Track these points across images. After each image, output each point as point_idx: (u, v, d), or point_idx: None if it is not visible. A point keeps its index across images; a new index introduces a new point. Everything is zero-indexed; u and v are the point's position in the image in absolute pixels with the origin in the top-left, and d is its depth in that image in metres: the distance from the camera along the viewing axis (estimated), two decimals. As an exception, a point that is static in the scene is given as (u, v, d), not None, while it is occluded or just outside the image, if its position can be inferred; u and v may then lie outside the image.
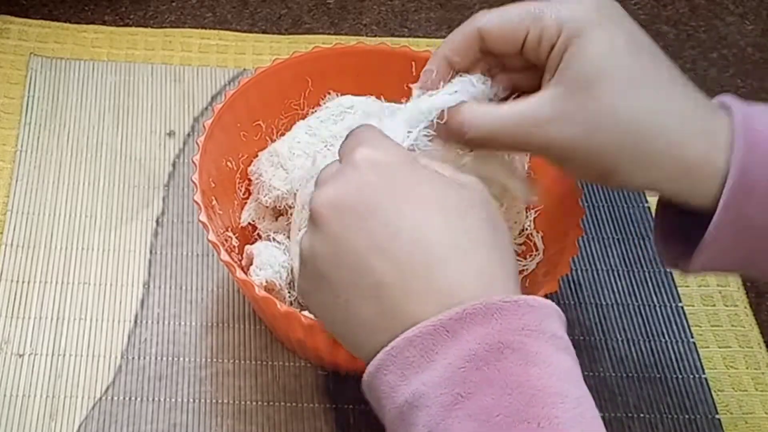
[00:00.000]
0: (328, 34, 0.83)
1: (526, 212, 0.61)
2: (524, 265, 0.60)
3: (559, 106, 0.48)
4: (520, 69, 0.53)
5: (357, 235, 0.43)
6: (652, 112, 0.48)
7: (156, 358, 0.61)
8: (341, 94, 0.64)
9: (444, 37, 0.84)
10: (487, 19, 0.51)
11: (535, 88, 0.50)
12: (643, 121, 0.47)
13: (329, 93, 0.65)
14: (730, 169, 0.47)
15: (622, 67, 0.48)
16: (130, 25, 0.81)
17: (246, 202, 0.63)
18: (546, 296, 0.55)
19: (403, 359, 0.41)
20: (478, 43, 0.51)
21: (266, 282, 0.57)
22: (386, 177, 0.44)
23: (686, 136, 0.48)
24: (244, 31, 0.82)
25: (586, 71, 0.48)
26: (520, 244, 0.61)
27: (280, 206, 0.61)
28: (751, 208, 0.47)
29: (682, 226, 0.51)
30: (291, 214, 0.60)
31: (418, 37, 0.84)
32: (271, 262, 0.57)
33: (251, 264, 0.59)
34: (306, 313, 0.55)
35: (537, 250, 0.60)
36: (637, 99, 0.47)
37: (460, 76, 0.52)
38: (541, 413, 0.38)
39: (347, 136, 0.48)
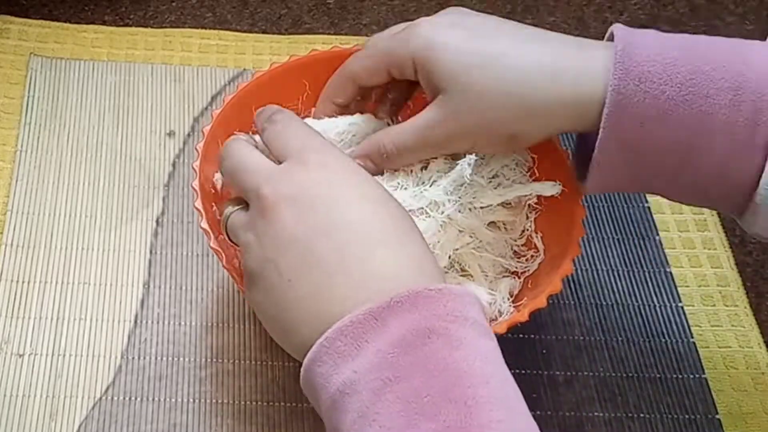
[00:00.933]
0: (328, 34, 0.83)
1: (528, 213, 0.61)
2: (525, 266, 0.60)
3: (448, 108, 0.54)
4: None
5: (306, 220, 0.46)
6: (520, 74, 0.53)
7: (156, 358, 0.61)
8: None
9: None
10: (353, 65, 0.59)
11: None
12: (516, 85, 0.53)
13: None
14: (606, 97, 0.51)
15: (474, 55, 0.53)
16: (130, 25, 0.81)
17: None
18: (549, 297, 0.55)
19: (335, 349, 0.43)
20: (353, 86, 0.59)
21: None
22: (333, 175, 0.48)
23: (561, 80, 0.52)
24: (244, 31, 0.82)
25: (449, 75, 0.53)
26: (522, 245, 0.61)
27: None
28: (628, 129, 0.51)
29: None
30: None
31: (418, 37, 0.84)
32: None
33: None
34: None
35: (538, 250, 0.60)
36: (501, 70, 0.53)
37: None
38: (468, 393, 0.40)
39: (274, 128, 0.52)
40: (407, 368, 0.41)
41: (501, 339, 0.53)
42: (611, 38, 0.54)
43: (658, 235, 0.72)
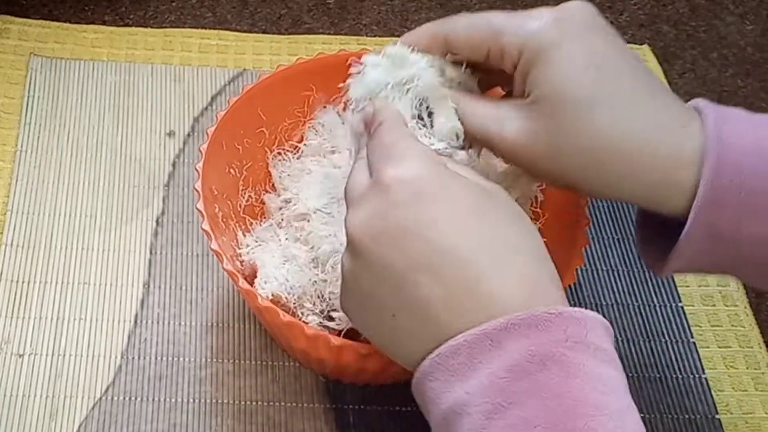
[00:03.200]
0: (328, 34, 0.83)
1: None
2: None
3: (528, 125, 0.49)
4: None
5: (396, 256, 0.43)
6: (611, 136, 0.48)
7: (156, 358, 0.61)
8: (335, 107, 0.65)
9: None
10: (453, 27, 0.52)
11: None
12: (602, 145, 0.48)
13: (325, 106, 0.65)
14: (699, 184, 0.47)
15: (582, 91, 0.48)
16: (130, 25, 0.81)
17: (249, 209, 0.63)
18: None
19: (448, 367, 0.41)
20: (442, 47, 0.52)
21: (272, 295, 0.57)
22: (417, 194, 0.44)
23: (649, 155, 0.48)
24: (244, 31, 0.82)
25: (547, 97, 0.48)
26: None
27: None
28: (721, 222, 0.48)
29: (663, 227, 0.52)
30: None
31: (418, 37, 0.84)
32: (276, 274, 0.57)
33: (254, 274, 0.59)
34: (309, 323, 0.55)
35: None
36: (596, 122, 0.48)
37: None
38: (580, 425, 0.39)
39: (374, 143, 0.48)
40: (520, 395, 0.39)
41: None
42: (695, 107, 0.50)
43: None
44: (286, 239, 0.60)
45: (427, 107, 0.52)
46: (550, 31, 0.49)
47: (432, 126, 0.52)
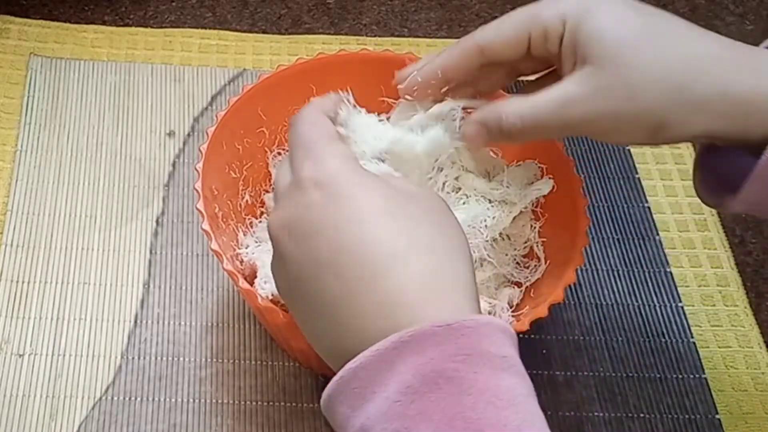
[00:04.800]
0: (328, 34, 0.83)
1: (532, 224, 0.61)
2: (527, 276, 0.60)
3: (594, 83, 0.48)
4: (524, 72, 0.53)
5: (305, 254, 0.43)
6: (686, 59, 0.47)
7: (156, 358, 0.61)
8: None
9: (444, 37, 0.84)
10: (485, 33, 0.51)
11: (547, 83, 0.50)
12: (679, 70, 0.47)
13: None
14: None
15: (639, 29, 0.47)
16: (130, 25, 0.81)
17: (249, 209, 0.63)
18: (551, 305, 0.55)
19: (351, 390, 0.40)
20: (478, 59, 0.51)
21: (272, 295, 0.57)
22: (329, 194, 0.43)
23: (729, 73, 0.47)
24: (244, 31, 0.82)
25: (606, 44, 0.47)
26: (524, 256, 0.61)
27: None
28: None
29: (722, 174, 0.51)
30: None
31: (418, 37, 0.84)
32: None
33: (254, 274, 0.59)
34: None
35: (540, 260, 0.60)
36: (666, 52, 0.47)
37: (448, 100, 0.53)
38: None
39: (295, 137, 0.47)
40: (415, 419, 0.38)
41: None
42: None
43: (658, 235, 0.72)
44: None
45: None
46: None
47: None
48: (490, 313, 0.57)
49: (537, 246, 0.61)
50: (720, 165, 0.51)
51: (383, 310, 0.41)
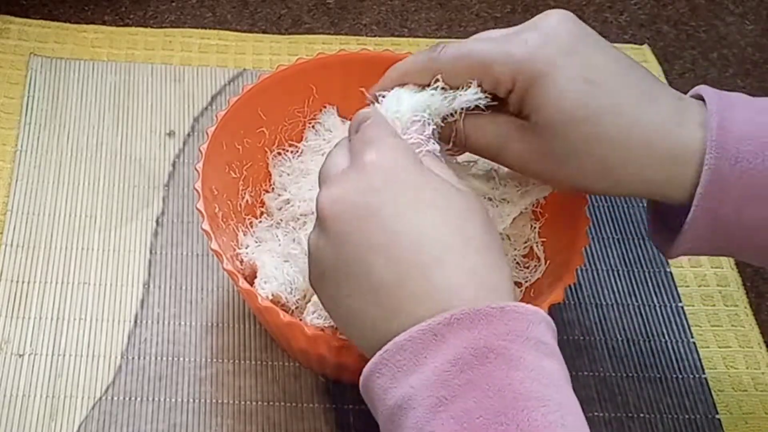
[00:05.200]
0: (328, 34, 0.83)
1: (532, 224, 0.61)
2: (526, 276, 0.60)
3: (531, 142, 0.51)
4: None
5: (358, 235, 0.44)
6: (614, 148, 0.50)
7: (156, 358, 0.61)
8: (338, 108, 0.65)
9: (444, 37, 0.84)
10: (441, 60, 0.52)
11: None
12: (606, 156, 0.50)
13: (325, 107, 0.65)
14: (701, 175, 0.49)
15: (582, 110, 0.49)
16: (130, 25, 0.81)
17: (249, 209, 0.63)
18: (551, 306, 0.55)
19: (395, 363, 0.42)
20: (432, 76, 0.53)
21: (272, 295, 0.57)
22: (391, 181, 0.45)
23: (650, 160, 0.50)
24: (244, 31, 0.82)
25: (548, 120, 0.50)
26: (524, 256, 0.61)
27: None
28: (722, 209, 0.49)
29: (673, 213, 0.53)
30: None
31: (418, 37, 0.84)
32: (276, 274, 0.57)
33: (254, 274, 0.59)
34: (310, 318, 0.55)
35: (540, 260, 0.60)
36: (600, 138, 0.50)
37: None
38: (520, 416, 0.39)
39: (357, 128, 0.50)
40: (463, 387, 0.40)
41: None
42: (698, 96, 0.52)
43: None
44: (286, 239, 0.60)
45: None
46: (539, 55, 0.50)
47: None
48: None
49: (537, 246, 0.61)
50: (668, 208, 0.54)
51: (436, 296, 0.43)
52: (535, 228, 0.61)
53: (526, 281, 0.60)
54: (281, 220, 0.62)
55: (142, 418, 0.58)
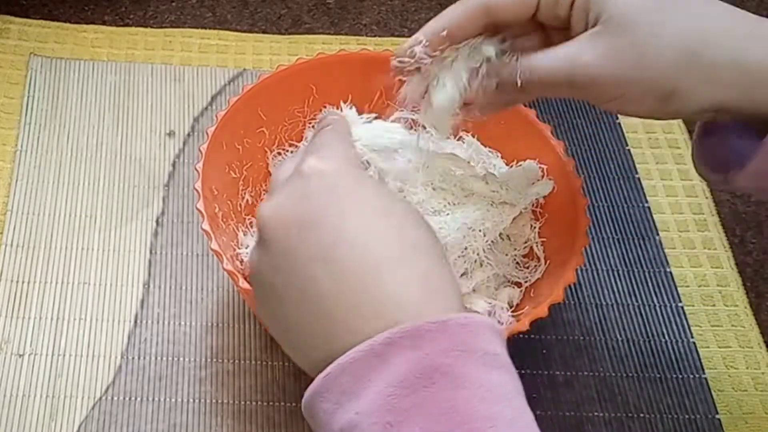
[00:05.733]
0: (328, 34, 0.83)
1: (532, 224, 0.61)
2: (527, 276, 0.60)
3: (604, 44, 0.47)
4: (523, 35, 0.53)
5: (299, 244, 0.42)
6: (699, 27, 0.47)
7: (156, 358, 0.61)
8: (337, 107, 0.65)
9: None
10: None
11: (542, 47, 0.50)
12: (692, 37, 0.47)
13: (325, 107, 0.65)
14: None
15: None
16: (130, 25, 0.81)
17: (249, 209, 0.63)
18: (551, 305, 0.55)
19: (338, 386, 0.40)
20: (483, 18, 0.50)
21: None
22: (330, 187, 0.43)
23: (740, 42, 0.46)
24: (244, 31, 0.82)
25: (619, 7, 0.47)
26: (524, 256, 0.61)
27: None
28: None
29: (719, 156, 0.51)
30: None
31: (418, 37, 0.84)
32: None
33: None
34: None
35: (540, 260, 0.60)
36: (680, 18, 0.47)
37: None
38: None
39: (313, 140, 0.48)
40: (408, 411, 0.38)
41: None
42: None
43: (658, 235, 0.72)
44: None
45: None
46: None
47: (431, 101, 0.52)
48: (489, 313, 0.57)
49: (537, 246, 0.61)
50: (718, 148, 0.51)
51: (379, 310, 0.41)
52: (535, 228, 0.61)
53: (526, 281, 0.60)
54: None
55: (142, 418, 0.58)
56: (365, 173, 0.45)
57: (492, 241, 0.59)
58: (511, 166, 0.64)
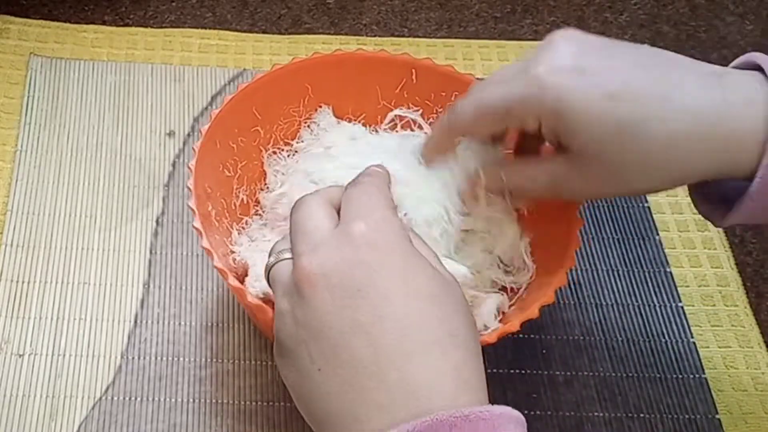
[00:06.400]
0: (328, 34, 0.83)
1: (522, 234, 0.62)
2: (515, 281, 0.60)
3: (579, 169, 0.50)
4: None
5: (343, 311, 0.42)
6: (667, 141, 0.47)
7: (156, 358, 0.61)
8: (333, 108, 0.65)
9: (444, 37, 0.84)
10: (460, 121, 0.53)
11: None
12: (659, 156, 0.48)
13: (320, 106, 0.65)
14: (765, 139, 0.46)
15: (606, 123, 0.48)
16: (130, 25, 0.81)
17: (244, 208, 0.63)
18: (542, 307, 0.55)
19: None
20: (459, 136, 0.54)
21: (263, 294, 0.57)
22: (381, 260, 0.43)
23: (709, 143, 0.47)
24: (244, 31, 0.82)
25: (585, 143, 0.49)
26: (514, 260, 0.61)
27: None
28: None
29: (715, 191, 0.52)
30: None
31: (418, 37, 0.84)
32: None
33: (245, 272, 0.59)
34: None
35: (530, 263, 0.60)
36: (645, 142, 0.48)
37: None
38: None
39: (352, 189, 0.48)
40: None
41: (499, 341, 0.53)
42: (741, 66, 0.50)
43: (658, 235, 0.72)
44: (279, 238, 0.60)
45: None
46: (549, 85, 0.48)
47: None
48: (475, 316, 0.57)
49: (526, 249, 0.61)
50: (713, 185, 0.52)
51: (412, 392, 0.41)
52: (524, 239, 0.61)
53: (515, 284, 0.60)
54: (275, 219, 0.62)
55: (142, 418, 0.58)
56: (414, 249, 0.45)
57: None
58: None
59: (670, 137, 0.47)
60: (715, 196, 0.52)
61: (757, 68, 0.48)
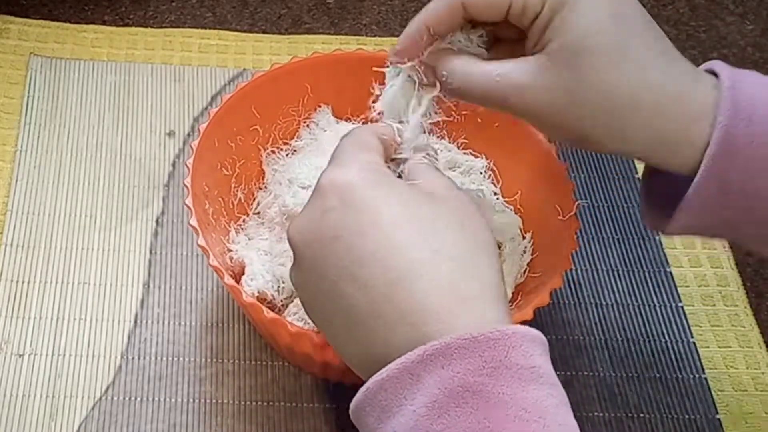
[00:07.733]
0: (328, 34, 0.83)
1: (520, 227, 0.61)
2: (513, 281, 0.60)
3: (542, 75, 0.47)
4: (504, 35, 0.52)
5: (325, 262, 0.43)
6: (630, 87, 0.47)
7: (156, 358, 0.61)
8: (333, 108, 0.65)
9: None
10: None
11: (518, 52, 0.50)
12: (619, 96, 0.47)
13: (320, 106, 0.65)
14: (712, 135, 0.46)
15: (605, 41, 0.47)
16: (130, 25, 0.81)
17: (241, 207, 0.63)
18: (536, 309, 0.54)
19: (377, 402, 0.40)
20: (461, 13, 0.50)
21: (258, 292, 0.57)
22: (347, 199, 0.43)
23: (663, 109, 0.47)
24: (244, 31, 0.82)
25: (568, 45, 0.47)
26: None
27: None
28: (731, 173, 0.46)
29: (668, 190, 0.51)
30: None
31: (418, 37, 0.84)
32: (263, 272, 0.57)
33: (243, 271, 0.59)
34: (291, 320, 0.55)
35: (527, 265, 0.60)
36: (616, 74, 0.47)
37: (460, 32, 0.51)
38: None
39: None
40: None
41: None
42: (709, 71, 0.49)
43: (658, 235, 0.72)
44: (275, 237, 0.60)
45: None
46: None
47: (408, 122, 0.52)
48: None
49: (525, 250, 0.61)
50: (665, 183, 0.51)
51: (408, 319, 0.41)
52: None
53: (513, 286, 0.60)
54: (272, 218, 0.62)
55: (142, 418, 0.58)
56: (384, 177, 0.45)
57: None
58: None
59: (645, 82, 0.47)
60: (662, 208, 0.51)
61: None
